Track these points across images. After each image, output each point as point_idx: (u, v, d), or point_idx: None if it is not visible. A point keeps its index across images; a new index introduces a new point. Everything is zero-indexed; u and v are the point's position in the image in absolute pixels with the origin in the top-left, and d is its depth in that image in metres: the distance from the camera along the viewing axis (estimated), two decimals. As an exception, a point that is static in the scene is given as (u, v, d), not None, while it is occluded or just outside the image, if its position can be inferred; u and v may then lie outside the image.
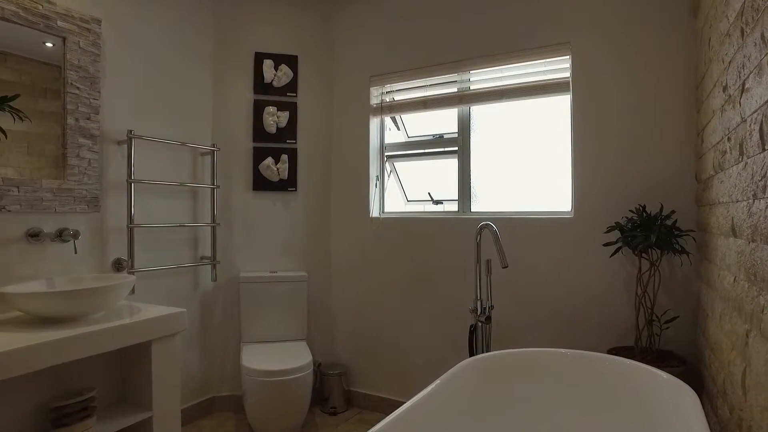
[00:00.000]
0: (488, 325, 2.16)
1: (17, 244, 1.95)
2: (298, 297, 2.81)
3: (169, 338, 1.93)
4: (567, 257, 2.35)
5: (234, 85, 2.87)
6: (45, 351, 1.50)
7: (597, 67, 2.28)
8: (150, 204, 2.49)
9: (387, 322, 2.88)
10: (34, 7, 1.98)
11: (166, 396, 1.93)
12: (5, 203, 1.88)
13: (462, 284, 2.63)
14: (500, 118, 2.69)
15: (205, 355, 2.81)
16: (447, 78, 2.76)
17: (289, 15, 2.97)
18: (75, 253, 2.12)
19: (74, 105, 2.13)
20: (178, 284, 2.65)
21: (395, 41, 2.86)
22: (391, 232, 2.86)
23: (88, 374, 1.93)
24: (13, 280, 1.94)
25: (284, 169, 2.90)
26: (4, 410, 1.67)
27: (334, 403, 2.87)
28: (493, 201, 2.71)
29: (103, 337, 1.66)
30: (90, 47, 2.19)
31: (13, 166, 1.92)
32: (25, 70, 1.96)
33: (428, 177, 3.02)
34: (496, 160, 2.70)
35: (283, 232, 2.95)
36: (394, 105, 2.96)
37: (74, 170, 2.13)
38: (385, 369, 2.89)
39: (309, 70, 3.01)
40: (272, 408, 2.30)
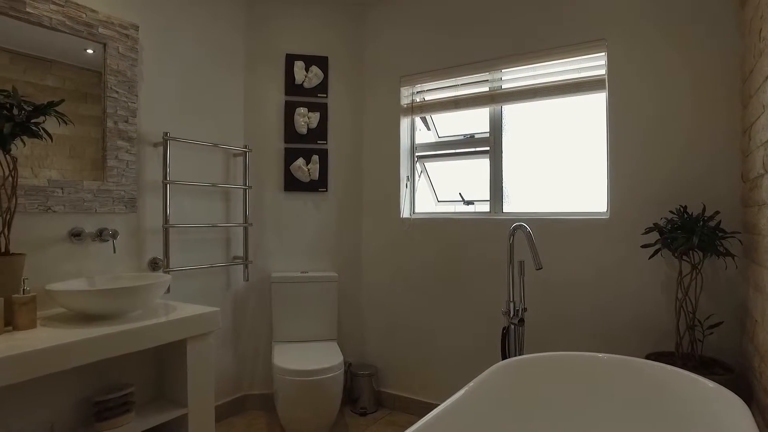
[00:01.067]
0: (521, 328, 2.12)
1: (61, 243, 2.02)
2: (328, 297, 2.82)
3: (204, 337, 1.96)
4: (602, 259, 2.28)
5: (265, 87, 2.91)
6: (88, 347, 1.54)
7: (634, 64, 2.21)
8: (184, 205, 2.54)
9: (417, 323, 2.86)
10: (79, 15, 2.05)
11: (200, 393, 1.96)
12: (51, 204, 1.95)
13: (494, 286, 2.59)
14: (533, 118, 2.64)
15: (237, 354, 2.85)
16: (478, 77, 2.73)
17: (320, 16, 2.98)
18: (114, 253, 2.18)
19: (113, 108, 2.19)
20: (211, 284, 2.69)
21: (426, 41, 2.84)
22: (421, 233, 2.85)
23: (126, 370, 1.98)
24: (58, 277, 2.00)
25: (315, 169, 2.91)
26: (53, 402, 1.74)
27: (364, 403, 2.87)
28: (525, 202, 2.66)
29: (141, 335, 1.70)
30: (128, 52, 2.25)
31: (57, 168, 1.98)
32: (67, 77, 2.03)
33: (459, 177, 2.99)
34: (528, 160, 2.65)
35: (313, 232, 2.97)
36: (424, 105, 2.94)
37: (113, 172, 2.19)
38: (415, 370, 2.87)
39: (339, 71, 3.02)
40: (303, 407, 2.31)
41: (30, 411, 1.67)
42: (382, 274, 3.00)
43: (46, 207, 1.94)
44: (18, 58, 1.87)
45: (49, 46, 1.95)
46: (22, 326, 1.63)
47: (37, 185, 1.91)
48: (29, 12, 1.89)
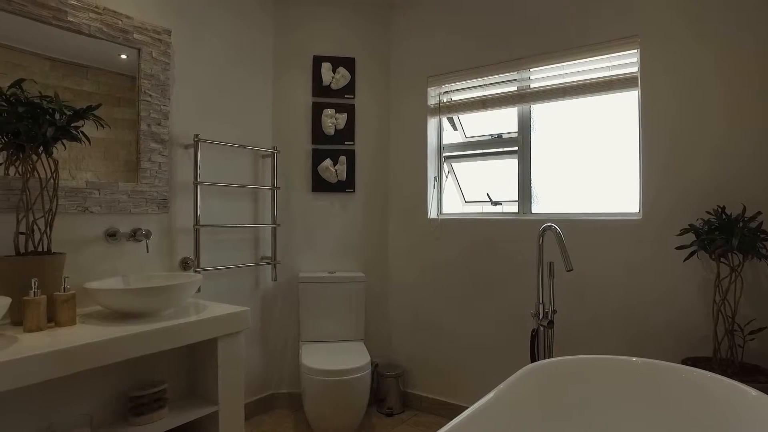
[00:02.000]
0: (551, 330, 2.09)
1: (98, 243, 2.08)
2: (355, 297, 2.83)
3: (234, 336, 1.99)
4: (634, 260, 2.23)
5: (293, 89, 2.94)
6: (125, 344, 1.58)
7: (667, 61, 2.16)
8: (213, 205, 2.59)
9: (445, 324, 2.85)
10: (115, 22, 2.11)
11: (231, 392, 1.99)
12: (88, 205, 2.01)
13: (522, 287, 2.56)
14: (562, 117, 2.60)
15: (265, 353, 2.89)
16: (506, 77, 2.70)
17: (347, 18, 3.00)
18: (147, 252, 2.24)
19: (147, 112, 2.24)
20: (239, 283, 2.73)
21: (453, 41, 2.82)
22: (449, 234, 2.83)
23: (160, 367, 2.03)
24: (95, 276, 2.07)
25: (342, 170, 2.93)
26: (92, 397, 1.79)
27: (391, 404, 2.87)
28: (554, 202, 2.62)
29: (175, 333, 1.74)
30: (161, 57, 2.30)
31: (92, 170, 2.04)
32: (102, 81, 2.09)
33: (486, 177, 2.97)
34: (557, 160, 2.61)
35: (341, 232, 2.99)
36: (452, 105, 2.92)
37: (146, 173, 2.24)
38: (442, 371, 2.86)
39: (366, 71, 3.03)
40: (331, 407, 2.33)
41: (70, 404, 1.73)
42: (409, 275, 3.00)
43: (84, 208, 2.00)
44: (58, 64, 1.93)
45: (85, 52, 2.02)
46: (63, 323, 1.68)
47: (75, 187, 1.97)
48: (70, 21, 1.96)
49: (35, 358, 1.36)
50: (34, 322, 1.60)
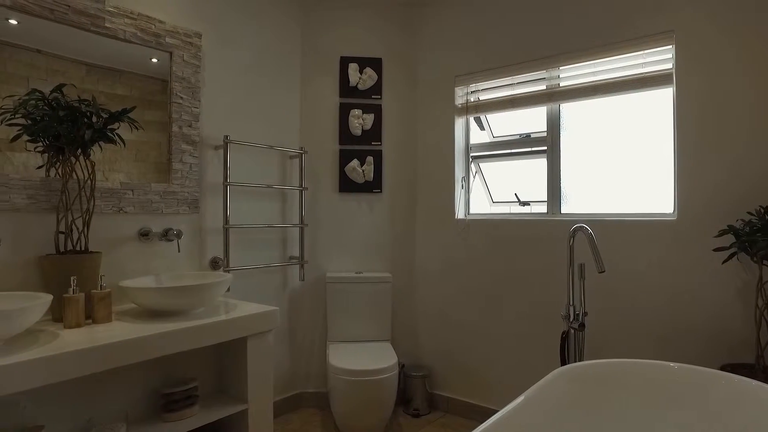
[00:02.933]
0: (582, 333, 2.05)
1: (131, 242, 2.13)
2: (382, 298, 2.83)
3: (263, 335, 2.01)
4: (669, 262, 2.17)
5: (320, 90, 2.96)
6: (160, 341, 1.61)
7: (704, 56, 2.09)
8: (242, 206, 2.62)
9: (472, 326, 2.83)
10: (149, 27, 2.16)
11: (260, 390, 2.02)
12: (123, 205, 2.06)
13: (551, 288, 2.52)
14: (592, 115, 2.55)
15: (293, 352, 2.91)
16: (535, 75, 2.66)
17: (373, 18, 3.00)
18: (178, 252, 2.28)
19: (178, 114, 2.28)
20: (268, 283, 2.76)
21: (480, 40, 2.80)
22: (477, 234, 2.81)
23: (191, 365, 2.06)
24: (128, 275, 2.11)
25: (369, 170, 2.93)
26: (127, 392, 1.84)
27: (417, 405, 2.86)
28: (584, 202, 2.57)
29: (206, 332, 1.76)
30: (192, 59, 2.34)
31: (124, 171, 2.09)
32: (134, 85, 2.13)
33: (514, 177, 2.93)
34: (588, 159, 2.56)
35: (368, 232, 2.99)
36: (479, 104, 2.90)
37: (178, 174, 2.28)
38: (469, 373, 2.83)
39: (393, 72, 3.03)
40: (358, 407, 2.33)
41: (107, 400, 1.78)
42: (436, 276, 2.98)
43: (119, 208, 2.05)
44: (93, 69, 1.99)
45: (119, 57, 2.07)
46: (100, 320, 1.72)
47: (111, 188, 2.02)
48: (107, 27, 2.02)
49: (76, 354, 1.40)
50: (74, 318, 1.65)
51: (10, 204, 1.74)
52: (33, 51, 1.82)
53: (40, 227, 1.83)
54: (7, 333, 1.37)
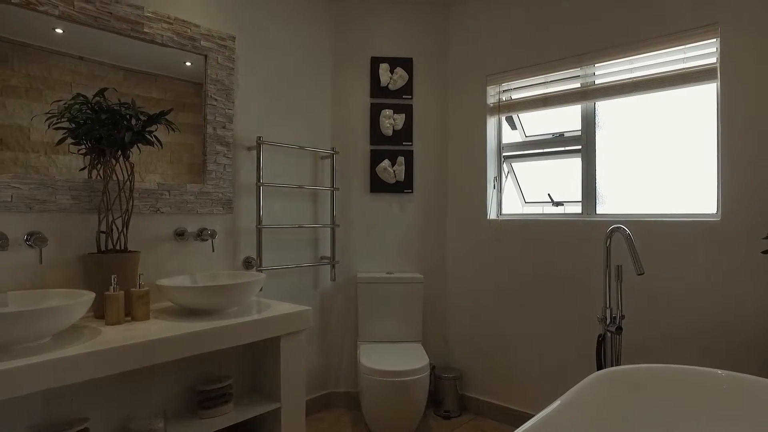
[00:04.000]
0: (619, 336, 2.00)
1: (168, 242, 2.17)
2: (413, 298, 2.82)
3: (296, 335, 2.03)
4: (713, 265, 2.09)
5: (351, 90, 2.97)
6: (196, 339, 1.64)
7: (751, 49, 2.00)
8: (274, 206, 2.65)
9: (504, 327, 2.79)
10: (185, 31, 2.20)
11: (292, 389, 2.03)
12: (160, 205, 2.11)
13: (586, 290, 2.46)
14: (629, 113, 2.48)
15: (323, 352, 2.93)
16: (569, 73, 2.61)
17: (404, 18, 2.99)
18: (212, 251, 2.32)
19: (212, 115, 2.32)
20: (299, 283, 2.78)
21: (512, 38, 2.76)
22: (509, 235, 2.77)
23: (225, 363, 2.10)
24: (164, 274, 2.16)
25: (400, 170, 2.93)
26: (164, 389, 1.88)
27: (448, 406, 2.84)
28: (621, 202, 2.50)
29: (241, 330, 1.79)
30: (226, 62, 2.38)
31: (159, 173, 2.14)
32: (169, 88, 2.18)
33: (547, 177, 2.88)
34: (624, 158, 2.49)
35: (399, 233, 2.99)
36: (511, 104, 2.85)
37: (212, 175, 2.32)
38: (501, 375, 2.80)
39: (424, 71, 3.01)
40: (389, 407, 2.33)
41: (145, 395, 1.82)
42: (468, 276, 2.95)
43: (156, 208, 2.10)
44: (130, 74, 2.04)
45: (154, 61, 2.12)
46: (139, 317, 1.77)
47: (148, 188, 2.07)
48: (146, 32, 2.07)
49: (119, 350, 1.45)
50: (114, 315, 1.70)
51: (56, 205, 1.80)
52: (76, 58, 1.88)
53: (82, 227, 1.89)
54: (55, 328, 1.42)
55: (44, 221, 1.79)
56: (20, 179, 1.72)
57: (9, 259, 1.71)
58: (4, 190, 1.69)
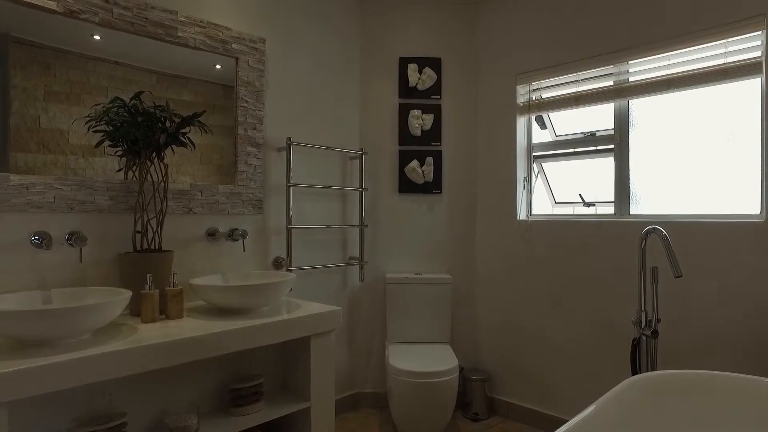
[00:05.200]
0: (655, 340, 1.95)
1: (200, 241, 2.22)
2: (442, 299, 2.81)
3: (326, 334, 2.04)
4: (755, 267, 2.01)
5: (380, 91, 2.97)
6: (230, 337, 1.67)
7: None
8: (304, 206, 2.67)
9: (534, 329, 2.75)
10: (216, 34, 2.24)
11: (322, 389, 2.04)
12: (192, 206, 2.15)
13: (620, 293, 2.40)
14: (665, 111, 2.41)
15: (351, 352, 2.94)
16: (601, 71, 2.55)
17: (432, 18, 2.98)
18: (243, 251, 2.35)
19: (243, 117, 2.36)
20: (328, 283, 2.80)
21: (543, 36, 2.71)
22: (539, 236, 2.72)
23: (256, 362, 2.12)
24: (197, 273, 2.20)
25: (429, 171, 2.92)
26: (198, 386, 1.92)
27: (477, 409, 2.81)
28: (656, 203, 2.43)
29: (273, 330, 1.80)
30: (257, 64, 2.41)
31: (190, 174, 2.18)
32: (199, 91, 2.22)
33: (578, 177, 2.83)
34: (659, 157, 2.42)
35: (427, 234, 2.97)
36: (541, 103, 2.81)
37: (243, 176, 2.36)
38: (530, 378, 2.76)
39: (453, 71, 3.00)
40: (417, 409, 2.32)
41: (180, 392, 1.86)
42: (497, 277, 2.92)
43: (189, 209, 2.14)
44: (162, 77, 2.09)
45: (186, 65, 2.16)
46: (173, 315, 1.81)
47: (181, 189, 2.12)
48: (179, 36, 2.12)
49: (157, 347, 1.48)
50: (149, 314, 1.74)
51: (95, 205, 1.86)
52: (111, 63, 1.94)
53: (119, 227, 1.95)
54: (95, 325, 1.47)
55: (84, 221, 1.85)
56: (62, 181, 1.78)
57: (52, 258, 1.78)
58: (48, 191, 1.75)
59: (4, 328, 1.35)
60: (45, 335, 1.39)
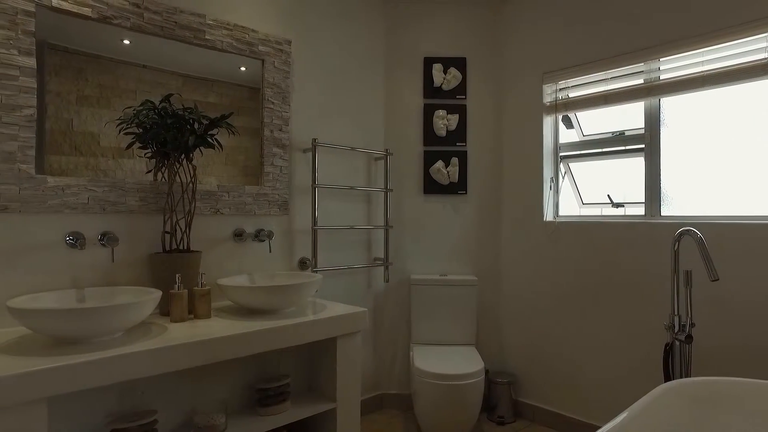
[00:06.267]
0: (689, 346, 1.89)
1: (227, 242, 2.24)
2: (467, 301, 2.78)
3: (352, 336, 2.03)
4: (797, 271, 1.94)
5: (405, 91, 2.96)
6: (258, 338, 1.68)
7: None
8: (329, 207, 2.67)
9: (561, 333, 2.70)
10: (243, 36, 2.26)
11: (348, 390, 2.04)
12: (219, 207, 2.17)
13: (650, 296, 2.34)
14: (698, 109, 2.34)
15: (376, 353, 2.93)
16: (631, 69, 2.49)
17: (457, 17, 2.96)
18: (270, 252, 2.37)
19: (269, 118, 2.37)
20: (353, 284, 2.80)
21: (570, 34, 2.67)
22: (566, 237, 2.68)
23: (283, 362, 2.13)
24: (224, 273, 2.22)
25: (454, 171, 2.89)
26: (224, 385, 1.94)
27: (502, 412, 2.77)
28: (688, 204, 2.37)
29: (300, 330, 1.81)
30: (282, 66, 2.43)
31: (215, 175, 2.20)
32: (224, 93, 2.24)
33: (606, 178, 2.77)
34: (692, 157, 2.35)
35: (452, 235, 2.95)
36: (568, 102, 2.76)
37: (269, 177, 2.37)
38: (557, 382, 2.71)
39: (478, 71, 2.97)
40: (443, 411, 2.30)
41: (208, 391, 1.88)
42: (523, 280, 2.88)
43: (216, 209, 2.17)
44: (188, 80, 2.12)
45: (211, 67, 2.19)
46: (201, 315, 1.83)
47: (209, 190, 2.14)
48: (207, 38, 2.14)
49: (187, 346, 1.50)
50: (179, 313, 1.76)
51: (126, 206, 1.89)
52: (140, 67, 1.97)
53: (149, 227, 1.98)
54: (128, 324, 1.49)
55: (115, 222, 1.89)
56: (95, 182, 1.82)
57: (86, 258, 1.81)
58: (82, 193, 1.79)
59: (44, 325, 1.38)
60: (81, 333, 1.42)
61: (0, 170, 1.63)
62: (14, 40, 1.66)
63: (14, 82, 1.66)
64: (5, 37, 1.64)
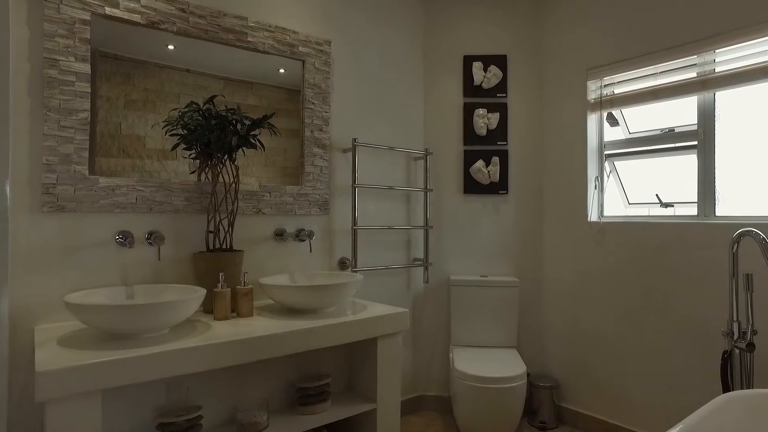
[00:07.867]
0: (750, 354, 1.79)
1: (268, 242, 2.26)
2: (508, 303, 2.73)
3: (393, 336, 2.02)
4: None
5: (444, 90, 2.93)
6: (299, 338, 1.69)
7: None
8: (368, 207, 2.67)
9: (606, 337, 2.60)
10: (284, 38, 2.29)
11: (388, 391, 2.03)
12: (261, 207, 2.20)
13: (704, 300, 2.23)
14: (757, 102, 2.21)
15: (415, 355, 2.91)
16: (682, 62, 2.38)
17: (497, 15, 2.91)
18: (310, 252, 2.38)
19: (310, 119, 2.39)
20: (392, 284, 2.79)
21: (616, 27, 2.57)
22: (612, 238, 2.58)
23: (323, 362, 2.14)
24: (265, 272, 2.25)
25: (495, 171, 2.84)
26: (266, 384, 1.96)
27: (544, 417, 2.70)
28: (745, 204, 2.24)
29: (341, 330, 1.81)
30: (322, 66, 2.44)
31: (255, 176, 2.23)
32: (264, 95, 2.27)
33: (653, 176, 2.66)
34: (750, 154, 2.23)
35: (493, 235, 2.90)
36: (614, 98, 2.66)
37: (309, 177, 2.39)
38: (602, 388, 2.61)
39: (519, 68, 2.91)
40: (484, 415, 2.26)
41: (250, 389, 1.90)
42: (566, 281, 2.80)
43: (258, 209, 2.20)
44: (229, 83, 2.16)
45: (251, 70, 2.22)
46: (244, 314, 1.85)
47: (251, 190, 2.17)
48: (249, 41, 2.18)
49: (228, 345, 1.52)
50: (222, 311, 1.79)
51: (172, 206, 1.94)
52: (183, 71, 2.02)
53: (193, 227, 2.02)
54: (175, 320, 1.53)
55: (161, 221, 1.94)
56: (143, 183, 1.88)
57: (135, 256, 1.87)
58: (131, 193, 1.85)
59: (97, 320, 1.43)
60: (130, 328, 1.46)
61: (59, 171, 1.70)
62: (72, 48, 1.73)
63: (71, 87, 1.73)
64: (65, 45, 1.72)
